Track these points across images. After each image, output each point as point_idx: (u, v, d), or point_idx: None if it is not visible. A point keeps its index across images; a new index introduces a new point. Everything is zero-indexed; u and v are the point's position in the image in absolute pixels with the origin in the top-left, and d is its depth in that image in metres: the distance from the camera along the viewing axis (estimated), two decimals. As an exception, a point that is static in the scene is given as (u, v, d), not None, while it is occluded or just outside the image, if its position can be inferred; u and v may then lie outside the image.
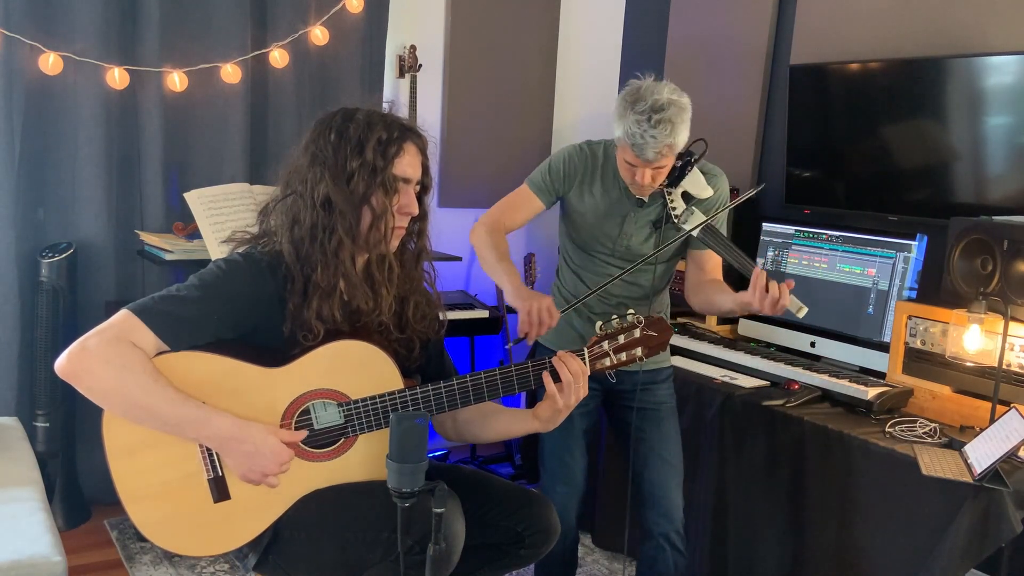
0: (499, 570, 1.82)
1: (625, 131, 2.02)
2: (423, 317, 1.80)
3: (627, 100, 2.04)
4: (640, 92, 2.04)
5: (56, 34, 2.83)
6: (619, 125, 2.05)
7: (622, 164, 2.12)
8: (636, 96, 2.03)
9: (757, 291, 1.95)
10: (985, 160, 2.63)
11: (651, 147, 2.00)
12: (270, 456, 1.59)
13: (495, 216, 2.28)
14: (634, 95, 2.04)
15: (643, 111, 1.99)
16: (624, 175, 2.14)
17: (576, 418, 2.23)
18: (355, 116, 1.66)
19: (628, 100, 2.04)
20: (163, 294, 1.60)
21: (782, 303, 1.94)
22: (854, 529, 2.23)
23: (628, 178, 2.13)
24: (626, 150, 2.06)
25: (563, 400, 1.70)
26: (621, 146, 2.08)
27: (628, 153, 2.06)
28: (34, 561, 1.73)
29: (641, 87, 2.05)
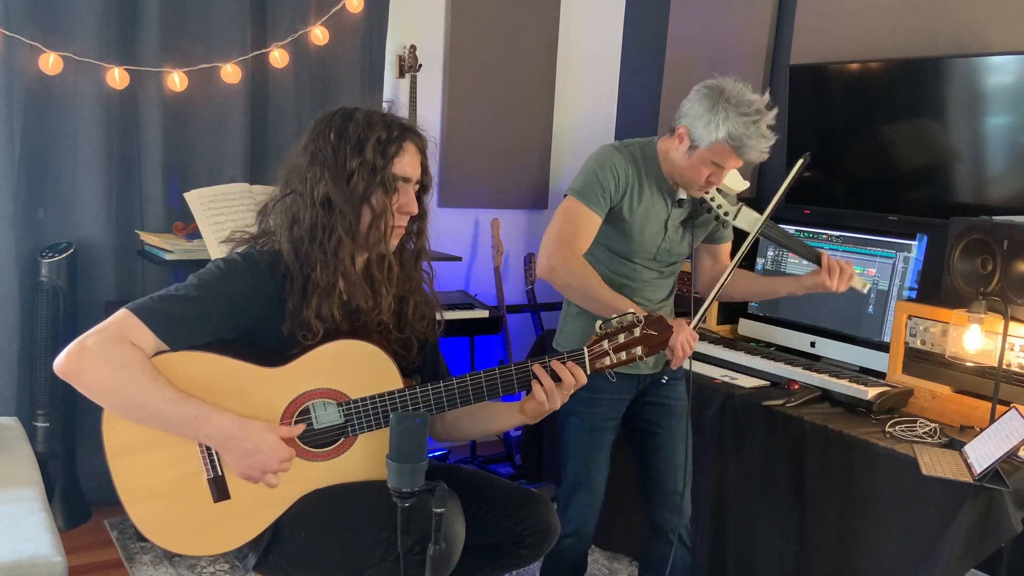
0: (499, 570, 1.82)
1: (730, 132, 1.96)
2: (422, 317, 1.80)
3: (726, 100, 1.97)
4: (737, 92, 1.98)
5: (56, 34, 2.83)
6: (719, 127, 1.97)
7: (699, 166, 2.04)
8: (736, 97, 1.97)
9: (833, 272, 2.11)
10: (985, 160, 2.63)
11: (757, 149, 1.98)
12: (270, 453, 1.59)
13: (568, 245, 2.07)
14: (735, 96, 1.98)
15: (750, 112, 1.96)
16: (694, 178, 2.07)
17: (604, 431, 2.23)
18: (354, 115, 1.66)
19: (728, 101, 1.97)
20: (162, 294, 1.60)
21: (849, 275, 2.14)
22: (854, 529, 2.23)
23: (700, 180, 2.06)
24: (722, 152, 2.00)
25: (549, 404, 1.69)
26: (712, 149, 2.00)
27: (724, 155, 2.00)
28: (34, 561, 1.73)
29: (730, 87, 2.00)
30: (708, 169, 2.05)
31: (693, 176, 2.08)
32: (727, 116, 1.96)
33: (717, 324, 3.12)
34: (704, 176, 2.06)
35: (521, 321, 4.02)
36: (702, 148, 2.02)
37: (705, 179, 2.07)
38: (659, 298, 2.27)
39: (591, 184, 2.10)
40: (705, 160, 2.03)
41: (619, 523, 2.90)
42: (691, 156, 2.05)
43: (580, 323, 2.22)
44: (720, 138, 1.98)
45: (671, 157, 2.11)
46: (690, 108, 2.05)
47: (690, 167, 2.07)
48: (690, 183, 2.10)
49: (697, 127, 2.01)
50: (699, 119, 2.01)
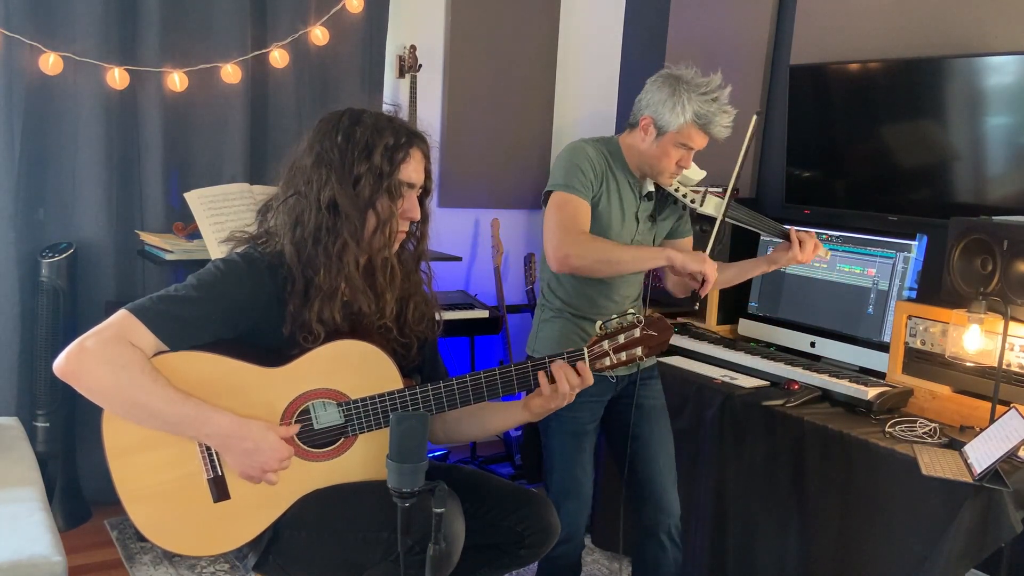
0: (499, 570, 1.82)
1: (696, 112, 2.07)
2: (422, 318, 1.80)
3: (687, 84, 2.08)
4: (692, 76, 2.09)
5: (56, 34, 2.83)
6: (684, 109, 2.07)
7: (668, 150, 2.12)
8: (692, 80, 2.08)
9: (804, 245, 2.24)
10: (985, 160, 2.63)
11: (723, 123, 2.09)
12: (269, 452, 1.59)
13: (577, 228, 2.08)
14: (690, 79, 2.09)
15: (709, 91, 2.07)
16: (664, 165, 2.14)
17: (587, 435, 2.24)
18: (362, 119, 1.66)
19: (687, 84, 2.08)
20: (161, 294, 1.60)
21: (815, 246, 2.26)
22: (854, 529, 2.23)
23: (671, 166, 2.14)
24: (690, 132, 2.09)
25: (555, 402, 1.70)
26: (681, 131, 2.09)
27: (693, 135, 2.10)
28: (34, 561, 1.73)
29: (684, 73, 2.11)
30: (677, 152, 2.12)
31: (664, 163, 2.14)
32: (690, 97, 2.07)
33: (717, 324, 3.12)
34: (674, 160, 2.14)
35: (521, 321, 4.02)
36: (671, 131, 2.10)
37: (675, 163, 2.14)
38: (634, 295, 2.30)
39: (573, 174, 2.11)
40: (675, 143, 2.11)
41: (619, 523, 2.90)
42: (660, 142, 2.12)
43: (556, 327, 2.24)
44: (688, 119, 2.08)
45: (638, 149, 2.17)
46: (651, 98, 2.13)
47: (660, 153, 2.14)
48: (661, 170, 2.16)
49: (663, 113, 2.09)
50: (663, 105, 2.09)
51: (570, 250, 2.05)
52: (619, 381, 2.27)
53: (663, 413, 2.31)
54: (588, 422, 2.24)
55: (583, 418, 2.21)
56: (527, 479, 3.53)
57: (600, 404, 2.26)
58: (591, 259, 2.05)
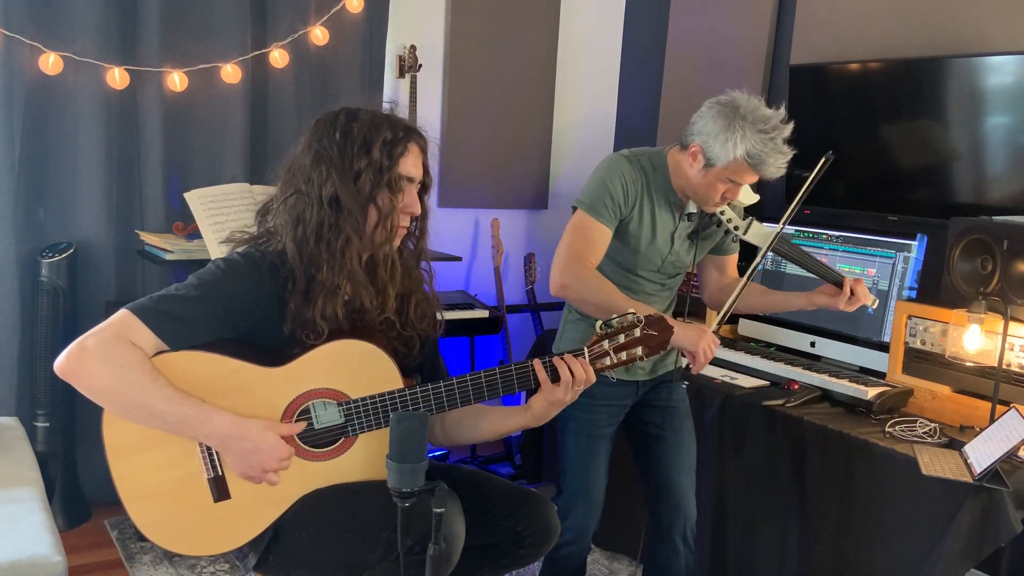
0: (499, 570, 1.82)
1: (748, 151, 1.93)
2: (423, 316, 1.80)
3: (742, 118, 1.94)
4: (752, 109, 1.95)
5: (56, 34, 2.83)
6: (737, 145, 1.93)
7: (715, 183, 2.01)
8: (751, 114, 1.94)
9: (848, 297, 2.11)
10: (985, 160, 2.63)
11: (775, 165, 1.96)
12: (269, 452, 1.59)
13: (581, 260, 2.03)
14: (749, 112, 1.94)
15: (768, 129, 1.93)
16: (709, 195, 2.04)
17: (602, 439, 2.23)
18: (359, 115, 1.66)
19: (744, 118, 1.94)
20: (162, 294, 1.60)
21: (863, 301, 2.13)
22: (854, 529, 2.23)
23: (716, 197, 2.04)
24: (739, 169, 1.97)
25: (558, 396, 1.69)
26: (729, 167, 1.97)
27: (742, 172, 1.98)
28: (34, 561, 1.73)
29: (744, 103, 1.97)
30: (724, 186, 2.02)
31: (709, 193, 2.04)
32: (744, 134, 1.93)
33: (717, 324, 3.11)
34: (720, 193, 2.03)
35: (521, 321, 4.02)
36: (719, 166, 1.99)
37: (720, 195, 2.04)
38: (660, 309, 2.26)
39: (601, 196, 2.05)
40: (722, 178, 2.00)
41: (619, 523, 2.90)
42: (707, 174, 2.02)
43: (581, 328, 2.21)
44: (738, 156, 1.95)
45: (684, 173, 2.07)
46: (704, 126, 2.00)
47: (706, 184, 2.03)
48: (705, 200, 2.07)
49: (713, 146, 1.97)
50: (714, 138, 1.97)
51: (570, 281, 2.02)
52: (640, 387, 2.24)
53: (687, 415, 2.29)
54: (604, 426, 2.21)
55: (599, 421, 2.20)
56: (527, 479, 3.53)
57: (618, 409, 2.24)
58: (586, 297, 2.03)
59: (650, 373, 2.24)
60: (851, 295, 2.11)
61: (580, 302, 2.07)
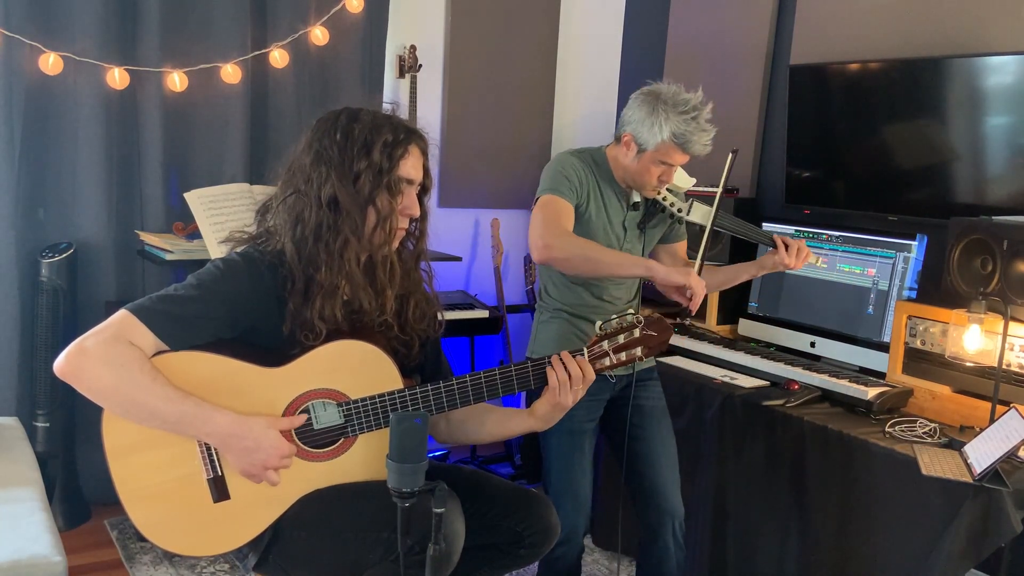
0: (499, 570, 1.82)
1: (672, 131, 2.08)
2: (423, 316, 1.80)
3: (663, 103, 2.09)
4: (672, 94, 2.10)
5: (56, 34, 2.83)
6: (662, 128, 2.09)
7: (648, 167, 2.15)
8: (671, 98, 2.10)
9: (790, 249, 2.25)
10: (985, 160, 2.63)
11: (701, 142, 2.10)
12: (270, 450, 1.59)
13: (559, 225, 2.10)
14: (670, 97, 2.10)
15: (687, 110, 2.08)
16: (646, 180, 2.18)
17: (584, 434, 2.24)
18: (360, 116, 1.66)
19: (665, 103, 2.09)
20: (161, 294, 1.60)
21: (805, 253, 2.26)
22: (854, 529, 2.23)
23: (652, 180, 2.17)
24: (668, 150, 2.11)
25: (561, 398, 1.69)
26: (659, 149, 2.11)
27: (671, 153, 2.12)
28: (34, 561, 1.73)
29: (665, 90, 2.12)
30: (658, 169, 2.16)
31: (645, 178, 2.18)
32: (668, 117, 2.09)
33: (717, 324, 3.12)
34: (655, 176, 2.17)
35: (521, 321, 4.02)
36: (649, 150, 2.13)
37: (656, 178, 2.17)
38: (627, 297, 2.32)
39: (559, 179, 2.18)
40: (654, 160, 2.14)
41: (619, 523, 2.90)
42: (640, 159, 2.16)
43: (553, 328, 2.27)
44: (665, 138, 2.10)
45: (621, 163, 2.21)
46: (631, 115, 2.16)
47: (641, 170, 2.17)
48: (643, 185, 2.20)
49: (641, 131, 2.13)
50: (641, 124, 2.13)
51: (551, 241, 2.07)
52: (618, 381, 2.28)
53: (664, 413, 2.32)
54: (585, 420, 2.24)
55: (579, 416, 2.21)
56: (527, 479, 3.53)
57: (597, 403, 2.27)
58: (571, 252, 2.08)
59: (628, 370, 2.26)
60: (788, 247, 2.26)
61: (566, 261, 2.11)
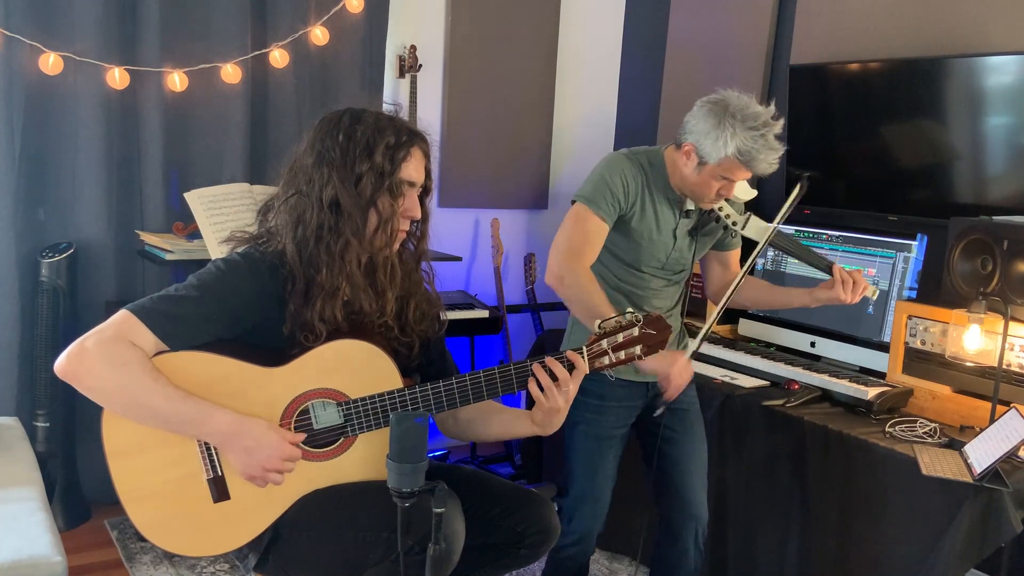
0: (499, 570, 1.82)
1: (739, 147, 1.96)
2: (423, 317, 1.80)
3: (731, 116, 1.97)
4: (742, 107, 1.98)
5: (56, 34, 2.83)
6: (727, 143, 1.97)
7: (709, 180, 2.04)
8: (742, 111, 1.97)
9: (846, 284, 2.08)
10: (985, 160, 2.63)
11: (767, 160, 1.98)
12: (270, 451, 1.59)
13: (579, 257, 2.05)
14: (740, 111, 1.97)
15: (757, 126, 1.96)
16: (705, 192, 2.07)
17: (612, 440, 2.22)
18: (363, 117, 1.66)
19: (734, 116, 1.97)
20: (162, 294, 1.60)
21: (865, 287, 2.10)
22: (854, 529, 2.23)
23: (711, 194, 2.07)
24: (732, 166, 2.00)
25: (548, 403, 1.68)
26: (722, 164, 2.00)
27: (734, 168, 2.00)
28: (34, 561, 1.73)
29: (735, 101, 2.00)
30: (718, 183, 2.05)
31: (704, 191, 2.08)
32: (735, 131, 1.96)
33: (717, 324, 3.10)
34: (715, 190, 2.06)
35: (521, 321, 4.02)
36: (711, 164, 2.02)
37: (715, 192, 2.07)
38: (667, 307, 2.26)
39: (601, 190, 2.08)
40: (715, 175, 2.03)
41: (620, 523, 2.90)
42: (700, 172, 2.05)
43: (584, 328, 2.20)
44: (729, 154, 1.98)
45: (680, 171, 2.10)
46: (695, 125, 2.03)
47: (700, 182, 2.06)
48: (701, 197, 2.10)
49: (705, 144, 2.01)
50: (706, 136, 2.00)
51: (567, 276, 2.03)
52: (650, 388, 2.23)
53: (698, 417, 2.28)
54: (614, 427, 2.21)
55: (607, 423, 2.19)
56: (527, 479, 3.53)
57: (627, 410, 2.23)
58: (576, 298, 2.03)
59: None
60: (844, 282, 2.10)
61: (569, 299, 2.07)
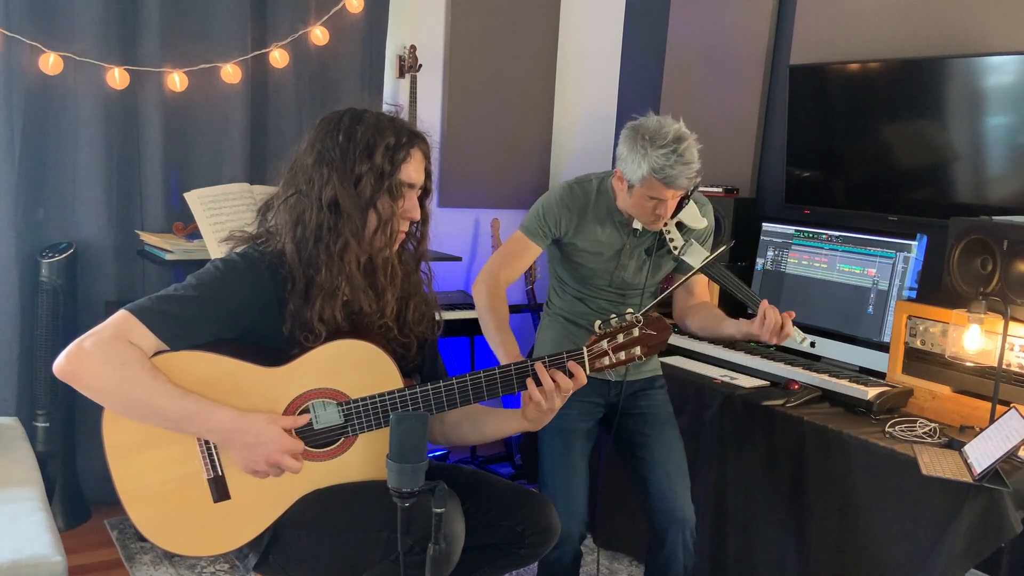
0: (499, 570, 1.82)
1: (652, 167, 2.03)
2: (422, 318, 1.80)
3: (642, 138, 2.05)
4: (652, 128, 2.06)
5: (56, 34, 2.83)
6: (640, 164, 2.05)
7: (641, 202, 2.12)
8: (651, 133, 2.05)
9: (765, 324, 2.07)
10: (985, 160, 2.63)
11: (683, 175, 2.04)
12: (273, 445, 1.59)
13: (494, 273, 2.23)
14: (649, 132, 2.05)
15: (666, 144, 2.02)
16: (642, 213, 2.15)
17: (577, 434, 2.25)
18: (363, 118, 1.66)
19: (644, 138, 2.05)
20: (161, 294, 1.60)
21: (786, 332, 2.07)
22: (854, 529, 2.23)
23: (647, 215, 2.14)
24: (653, 185, 2.07)
25: (547, 404, 1.68)
26: (644, 185, 2.08)
27: (656, 188, 2.07)
28: (34, 561, 1.73)
29: (647, 124, 2.08)
30: (650, 203, 2.12)
31: (640, 212, 2.16)
32: (646, 152, 2.04)
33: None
34: (649, 210, 2.14)
35: (521, 321, 4.02)
36: (637, 186, 2.11)
37: (652, 212, 2.14)
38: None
39: (535, 218, 2.25)
40: (643, 196, 2.11)
41: (619, 523, 2.90)
42: (632, 194, 2.14)
43: (551, 331, 2.36)
44: (646, 174, 2.06)
45: (619, 195, 2.21)
46: (620, 151, 2.14)
47: (634, 204, 2.16)
48: (640, 218, 2.19)
49: (627, 168, 2.11)
50: (625, 161, 2.11)
51: (479, 285, 2.21)
52: (612, 387, 2.28)
53: (669, 420, 2.32)
54: (577, 420, 2.24)
55: (571, 415, 2.22)
56: (527, 479, 3.52)
57: (591, 407, 2.28)
58: (480, 303, 2.20)
59: (620, 375, 2.27)
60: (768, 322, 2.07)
61: (477, 309, 2.22)
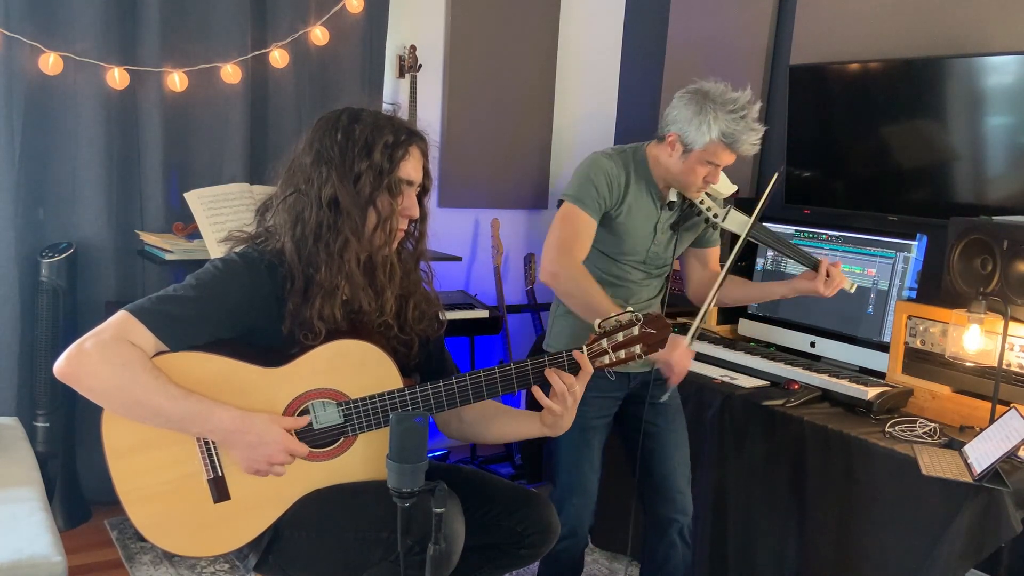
0: (499, 570, 1.82)
1: (722, 131, 2.04)
2: (422, 316, 1.80)
3: (712, 102, 2.05)
4: (720, 93, 2.06)
5: (56, 34, 2.83)
6: (711, 127, 2.04)
7: (695, 167, 2.10)
8: (719, 97, 2.05)
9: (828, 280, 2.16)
10: (985, 160, 2.63)
11: (750, 141, 2.06)
12: (274, 445, 1.59)
13: (571, 253, 2.11)
14: (718, 96, 2.05)
15: (737, 108, 2.04)
16: (691, 180, 2.13)
17: (595, 431, 2.25)
18: (361, 116, 1.66)
19: (715, 101, 2.04)
20: (160, 294, 1.60)
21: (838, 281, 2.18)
22: (854, 529, 2.23)
23: (698, 181, 2.13)
24: (717, 150, 2.07)
25: (559, 407, 1.69)
26: (707, 149, 2.07)
27: (719, 153, 2.07)
28: (34, 561, 1.73)
29: (713, 88, 2.07)
30: (705, 169, 2.12)
31: (690, 179, 2.14)
32: (716, 116, 2.04)
33: (717, 324, 3.12)
34: (701, 176, 2.13)
35: (521, 321, 4.02)
36: (697, 150, 2.09)
37: (702, 179, 2.13)
38: (648, 296, 2.31)
39: (586, 188, 2.14)
40: (701, 161, 2.10)
41: (619, 523, 2.90)
42: (686, 159, 2.11)
43: (568, 322, 2.26)
44: (714, 138, 2.05)
45: (663, 163, 2.16)
46: (677, 114, 2.11)
47: (686, 170, 2.13)
48: (688, 186, 2.16)
49: (688, 131, 2.08)
50: (689, 123, 2.08)
51: (560, 272, 2.10)
52: (632, 379, 2.27)
53: (679, 412, 2.33)
54: (594, 417, 2.24)
55: (589, 413, 2.21)
56: (527, 479, 3.53)
57: (609, 400, 2.27)
58: (572, 294, 2.11)
59: (642, 366, 2.25)
60: (827, 277, 2.18)
61: (565, 295, 2.14)
